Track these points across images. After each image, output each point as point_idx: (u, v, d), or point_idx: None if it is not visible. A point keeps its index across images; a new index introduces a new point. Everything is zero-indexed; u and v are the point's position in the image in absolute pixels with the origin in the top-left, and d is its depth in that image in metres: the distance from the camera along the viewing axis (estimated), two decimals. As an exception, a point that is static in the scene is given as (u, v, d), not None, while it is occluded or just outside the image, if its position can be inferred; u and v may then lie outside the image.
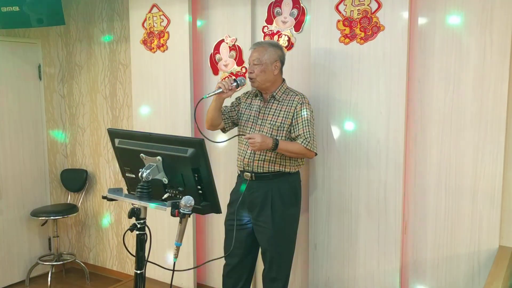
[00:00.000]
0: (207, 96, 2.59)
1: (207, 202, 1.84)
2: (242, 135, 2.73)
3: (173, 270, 1.88)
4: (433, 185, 2.68)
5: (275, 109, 2.67)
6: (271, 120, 2.65)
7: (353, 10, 2.74)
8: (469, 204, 2.58)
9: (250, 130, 2.71)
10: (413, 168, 2.74)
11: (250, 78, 2.66)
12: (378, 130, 2.74)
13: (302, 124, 2.60)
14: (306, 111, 2.62)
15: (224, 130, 2.86)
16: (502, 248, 2.50)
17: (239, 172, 2.80)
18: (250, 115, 2.74)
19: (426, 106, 2.67)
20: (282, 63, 2.70)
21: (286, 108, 2.65)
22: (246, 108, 2.78)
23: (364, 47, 2.73)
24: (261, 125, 2.68)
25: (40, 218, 3.99)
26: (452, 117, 2.59)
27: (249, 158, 2.66)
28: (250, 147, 2.53)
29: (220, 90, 2.58)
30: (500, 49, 2.43)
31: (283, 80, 2.73)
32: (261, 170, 2.65)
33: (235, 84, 2.63)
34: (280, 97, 2.68)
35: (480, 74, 2.49)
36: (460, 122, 2.57)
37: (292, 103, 2.64)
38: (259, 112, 2.71)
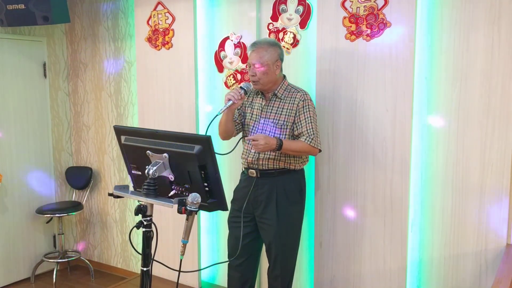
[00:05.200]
0: (220, 112, 2.51)
1: (213, 199, 1.83)
2: (244, 136, 2.71)
3: (179, 271, 1.87)
4: (440, 182, 2.66)
5: (277, 107, 2.64)
6: (273, 119, 2.63)
7: (359, 7, 2.72)
8: (476, 202, 2.56)
9: (252, 129, 2.70)
10: (420, 166, 2.72)
11: (253, 81, 2.61)
12: (384, 128, 2.73)
13: (305, 121, 2.59)
14: (309, 107, 2.61)
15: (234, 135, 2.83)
16: (510, 246, 2.48)
17: (243, 169, 2.79)
18: (252, 114, 2.72)
19: (433, 103, 2.65)
20: (282, 60, 2.66)
21: (288, 106, 2.62)
22: (248, 107, 2.76)
23: (370, 44, 2.72)
24: (263, 124, 2.66)
25: (45, 215, 4.00)
26: (459, 114, 2.57)
27: (253, 157, 2.65)
28: (254, 149, 2.51)
29: (231, 102, 2.51)
30: (508, 45, 2.41)
31: (284, 77, 2.71)
32: (266, 168, 2.64)
33: (242, 91, 2.56)
34: (282, 94, 2.65)
35: (488, 71, 2.47)
36: (467, 119, 2.55)
37: (294, 101, 2.62)
38: (261, 111, 2.69)
